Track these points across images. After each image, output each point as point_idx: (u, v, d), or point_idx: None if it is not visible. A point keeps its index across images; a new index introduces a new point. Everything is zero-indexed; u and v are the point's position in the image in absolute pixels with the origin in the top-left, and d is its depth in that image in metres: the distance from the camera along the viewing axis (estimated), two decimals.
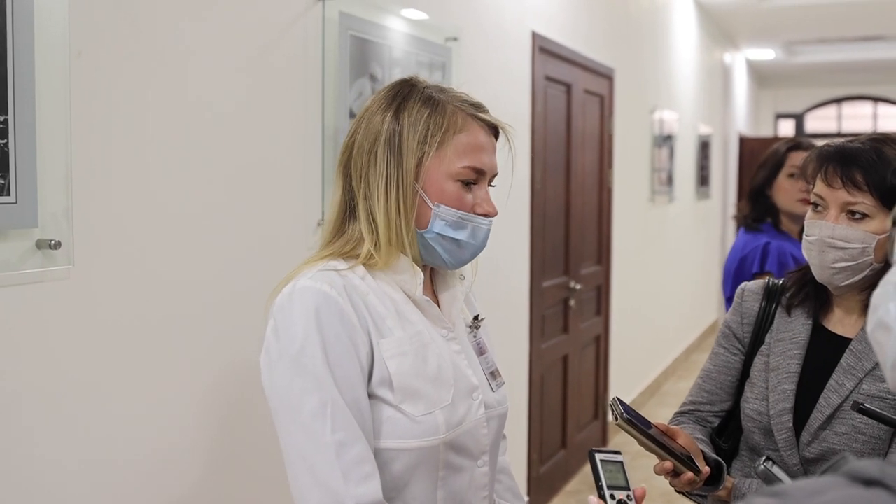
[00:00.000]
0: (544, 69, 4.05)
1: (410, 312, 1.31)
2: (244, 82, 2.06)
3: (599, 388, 5.14)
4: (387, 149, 1.29)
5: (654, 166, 6.16)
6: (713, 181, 8.70)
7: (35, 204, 1.53)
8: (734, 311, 1.70)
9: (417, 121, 1.29)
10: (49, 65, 1.56)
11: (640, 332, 6.00)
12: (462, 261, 1.35)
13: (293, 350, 1.20)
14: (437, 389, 1.27)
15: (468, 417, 1.31)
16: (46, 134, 1.56)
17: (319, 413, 1.17)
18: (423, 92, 1.32)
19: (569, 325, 4.56)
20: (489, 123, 1.34)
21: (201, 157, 1.93)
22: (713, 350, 1.72)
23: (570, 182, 4.50)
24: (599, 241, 5.08)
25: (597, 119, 4.93)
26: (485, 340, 1.47)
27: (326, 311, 1.20)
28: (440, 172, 1.29)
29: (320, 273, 1.25)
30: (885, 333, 0.76)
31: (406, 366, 1.25)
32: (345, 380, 1.20)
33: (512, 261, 3.81)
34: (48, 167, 1.56)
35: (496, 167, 1.36)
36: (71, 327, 1.65)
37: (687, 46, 7.32)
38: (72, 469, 1.65)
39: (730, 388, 1.68)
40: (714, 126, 8.71)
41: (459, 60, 3.10)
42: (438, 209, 1.29)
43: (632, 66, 5.55)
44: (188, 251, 1.89)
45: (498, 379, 1.43)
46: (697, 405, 1.70)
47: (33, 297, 1.57)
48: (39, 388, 1.59)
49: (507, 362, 3.77)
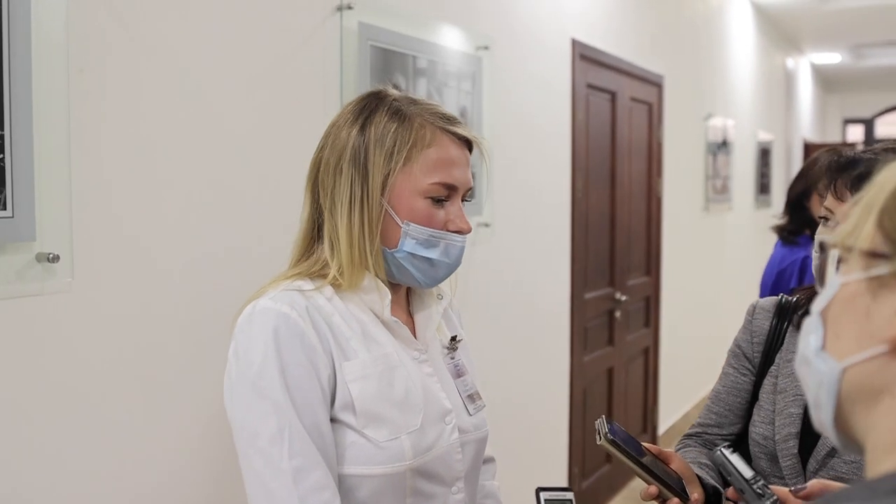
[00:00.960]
0: (586, 77, 3.98)
1: (379, 334, 1.26)
2: (258, 93, 2.05)
3: (648, 401, 5.03)
4: (352, 165, 1.24)
5: (709, 174, 6.02)
6: (774, 189, 8.47)
7: (32, 218, 1.54)
8: (744, 328, 1.62)
9: (384, 136, 1.24)
10: (47, 80, 1.57)
11: (692, 344, 5.86)
12: (436, 279, 1.30)
13: (251, 373, 1.16)
14: (403, 414, 1.22)
15: (439, 443, 1.26)
16: (45, 148, 1.56)
17: (277, 438, 1.13)
18: (390, 105, 1.27)
19: (614, 337, 4.47)
20: (461, 136, 1.29)
21: (209, 170, 1.93)
22: (723, 370, 1.64)
23: (616, 191, 4.41)
24: (648, 251, 4.98)
25: (645, 127, 4.84)
26: (463, 362, 1.41)
27: (286, 333, 1.17)
28: (408, 189, 1.24)
29: (283, 293, 1.21)
30: (805, 368, 0.69)
31: (369, 389, 1.21)
32: (304, 404, 1.16)
33: (551, 272, 3.75)
34: (47, 181, 1.57)
35: (470, 181, 1.29)
36: (72, 341, 1.65)
37: (745, 51, 7.14)
38: (71, 486, 1.65)
39: (739, 410, 1.60)
40: (775, 132, 8.49)
41: (491, 70, 3.06)
42: (408, 227, 1.24)
43: (684, 73, 5.43)
44: (193, 263, 1.89)
45: (477, 402, 1.37)
46: (706, 427, 1.62)
47: (33, 311, 1.58)
48: (39, 403, 1.60)
49: (546, 375, 3.72)
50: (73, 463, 1.65)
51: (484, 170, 2.62)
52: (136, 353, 1.77)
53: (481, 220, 3.05)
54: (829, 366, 0.66)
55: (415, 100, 1.30)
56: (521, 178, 3.40)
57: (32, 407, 1.59)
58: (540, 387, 3.67)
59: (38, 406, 1.59)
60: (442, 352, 1.37)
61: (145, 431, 1.79)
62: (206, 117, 1.92)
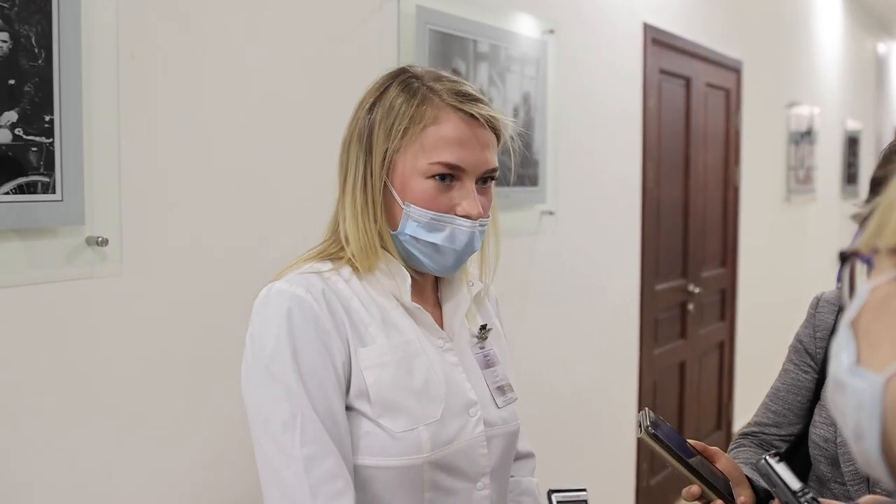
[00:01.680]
0: (658, 62, 3.87)
1: (400, 320, 1.21)
2: (312, 78, 2.04)
3: (723, 396, 4.89)
4: (358, 143, 1.21)
5: (791, 164, 5.81)
6: (862, 179, 8.14)
7: (81, 201, 1.55)
8: (807, 322, 1.53)
9: (389, 112, 1.19)
10: (98, 65, 1.58)
11: (771, 338, 5.64)
12: (446, 266, 1.23)
13: (264, 357, 1.13)
14: (422, 404, 1.17)
15: (461, 435, 1.20)
16: (94, 133, 1.58)
17: (289, 424, 1.10)
18: (404, 80, 1.22)
19: (687, 330, 4.35)
20: (477, 116, 1.19)
21: (262, 156, 1.92)
22: (783, 365, 1.55)
23: (690, 180, 4.28)
24: (724, 243, 4.83)
25: (721, 114, 4.69)
26: (495, 352, 1.34)
27: (300, 317, 1.13)
28: (410, 169, 1.18)
29: (300, 276, 1.17)
30: (839, 394, 0.59)
31: (386, 377, 1.16)
32: (318, 389, 1.11)
33: (620, 263, 3.66)
34: (96, 166, 1.58)
35: (486, 163, 1.20)
36: (121, 325, 1.66)
37: (832, 35, 6.87)
38: (120, 474, 1.67)
39: (799, 409, 1.51)
40: (865, 121, 8.16)
41: (558, 54, 2.99)
42: (409, 209, 1.19)
43: (764, 58, 5.24)
44: (245, 251, 1.88)
45: (507, 394, 1.30)
46: (762, 427, 1.54)
47: (84, 294, 1.60)
48: (90, 386, 1.61)
49: (614, 368, 3.63)
50: (120, 453, 1.66)
51: (541, 158, 2.55)
52: (186, 339, 1.77)
53: (545, 208, 2.98)
54: (868, 381, 0.57)
55: (439, 76, 1.23)
56: (589, 165, 3.33)
57: (85, 389, 1.60)
58: (607, 379, 3.59)
59: (89, 389, 1.61)
60: (471, 341, 1.31)
61: (193, 418, 1.80)
62: (259, 103, 1.91)
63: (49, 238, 1.53)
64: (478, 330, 1.33)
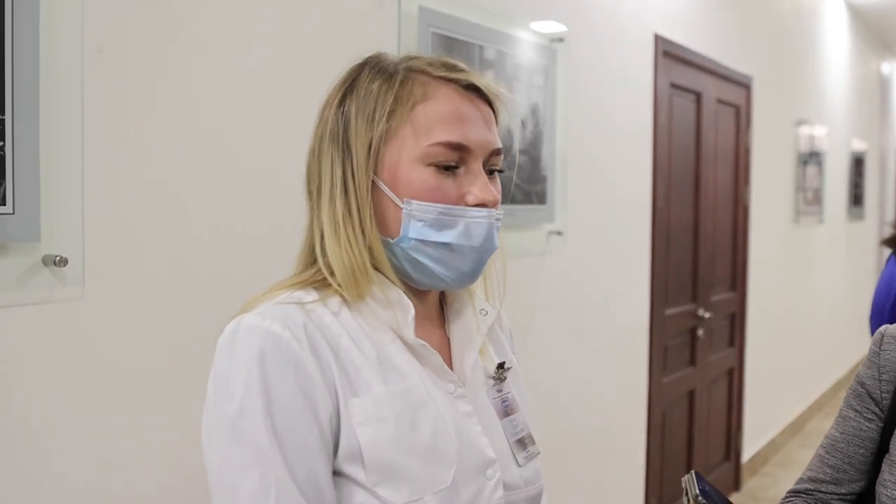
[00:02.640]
0: (669, 75, 3.70)
1: (400, 361, 0.99)
2: (304, 80, 1.84)
3: (732, 426, 4.68)
4: (332, 144, 1.00)
5: (799, 184, 5.63)
6: (868, 201, 7.98)
7: (37, 215, 1.35)
8: (870, 362, 1.33)
9: (367, 99, 0.99)
10: (59, 59, 1.38)
11: (780, 365, 5.47)
12: (464, 273, 1.01)
13: (230, 411, 0.90)
14: (429, 467, 0.95)
15: (478, 503, 0.98)
16: (54, 137, 1.38)
17: (260, 497, 0.88)
18: (375, 64, 1.02)
19: (696, 356, 4.15)
20: (468, 85, 1.01)
21: (245, 165, 1.72)
22: (841, 412, 1.35)
23: (700, 200, 4.10)
24: (734, 265, 4.64)
25: (731, 131, 4.51)
26: (514, 396, 1.11)
27: (275, 360, 0.90)
28: (404, 158, 0.98)
29: (276, 308, 0.95)
30: None
31: (384, 434, 0.93)
32: (297, 452, 0.89)
33: (629, 285, 3.46)
34: (55, 175, 1.38)
35: (492, 142, 1.01)
36: (85, 355, 1.46)
37: (838, 54, 6.72)
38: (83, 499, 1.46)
39: (861, 464, 1.31)
40: (870, 141, 8.01)
41: (567, 64, 2.81)
42: (409, 206, 0.98)
43: (773, 75, 5.07)
44: (223, 271, 1.68)
45: (529, 448, 1.08)
46: (818, 484, 1.33)
47: (40, 321, 1.39)
48: (48, 423, 1.41)
49: (622, 397, 3.43)
50: (85, 483, 1.46)
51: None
52: (156, 374, 1.57)
53: (553, 228, 2.79)
54: None
55: (412, 56, 1.04)
56: (599, 183, 3.14)
57: (40, 426, 1.39)
58: (615, 409, 3.38)
59: (46, 426, 1.40)
60: (486, 383, 1.09)
61: (168, 451, 1.59)
62: (247, 104, 1.72)
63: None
64: (494, 369, 1.11)
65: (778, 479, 4.92)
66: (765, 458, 5.18)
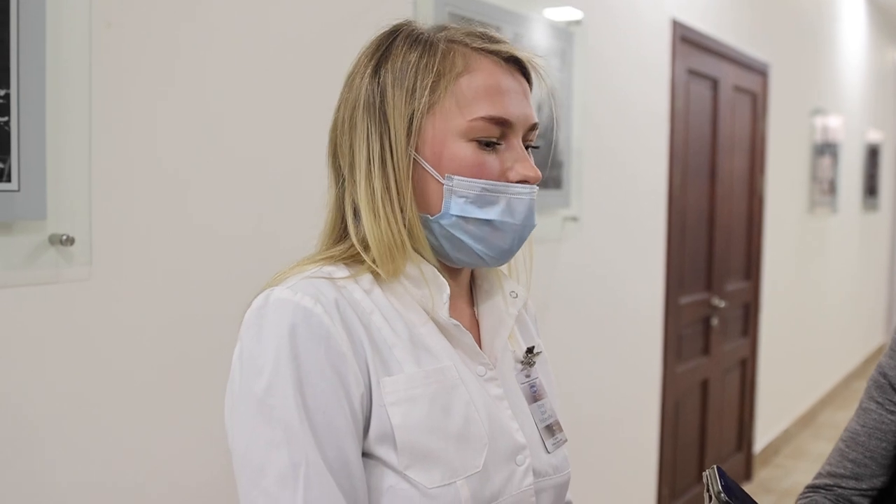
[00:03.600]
0: (686, 61, 3.64)
1: (433, 341, 0.95)
2: (317, 60, 1.80)
3: (745, 416, 4.64)
4: (367, 115, 0.96)
5: (814, 174, 5.57)
6: (883, 191, 7.90)
7: (43, 192, 1.32)
8: (893, 352, 1.28)
9: (404, 70, 0.94)
10: (66, 33, 1.34)
11: (793, 355, 5.42)
12: (503, 250, 0.98)
13: (258, 388, 0.86)
14: (461, 451, 0.91)
15: (508, 489, 0.94)
16: (61, 113, 1.34)
17: (289, 477, 0.84)
18: (409, 34, 0.98)
19: (710, 346, 4.11)
20: (508, 56, 0.97)
21: (256, 143, 1.68)
22: (862, 404, 1.30)
23: (716, 188, 4.05)
24: (749, 255, 4.58)
25: (748, 119, 4.45)
26: (542, 382, 1.08)
27: (306, 335, 0.87)
28: (445, 133, 0.94)
29: (306, 282, 0.91)
30: None
31: (417, 416, 0.90)
32: (327, 431, 0.86)
33: (644, 273, 3.42)
34: (62, 151, 1.35)
35: (531, 116, 0.98)
36: (91, 336, 1.42)
37: (855, 43, 6.63)
38: (88, 487, 1.43)
39: (884, 458, 1.26)
40: (886, 131, 7.92)
41: (584, 47, 2.76)
42: (451, 182, 0.94)
43: (790, 62, 5.00)
44: (237, 249, 1.64)
45: (557, 435, 1.04)
46: (838, 479, 1.28)
47: (46, 301, 1.36)
48: (54, 402, 1.37)
49: (636, 386, 3.39)
50: (89, 466, 1.42)
51: (573, 148, 2.29)
52: (165, 356, 1.53)
53: (568, 214, 2.75)
54: None
55: (445, 26, 1.00)
56: (615, 168, 3.09)
57: (44, 407, 1.36)
58: (629, 398, 3.34)
59: (50, 407, 1.37)
60: (515, 367, 1.05)
61: (171, 435, 1.55)
62: (256, 82, 1.67)
63: (3, 235, 1.29)
64: (523, 353, 1.07)
65: (789, 470, 4.88)
66: (776, 450, 5.13)
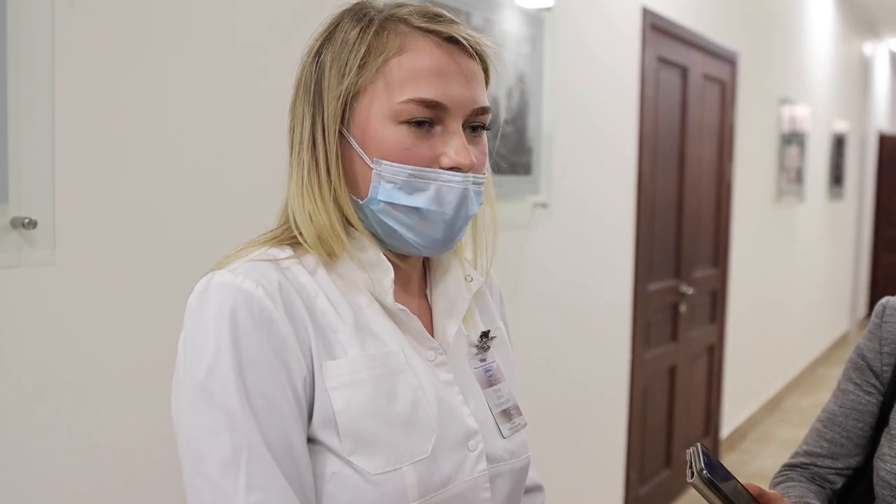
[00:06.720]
0: (656, 49, 3.65)
1: (379, 325, 0.94)
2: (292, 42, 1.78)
3: (711, 402, 4.69)
4: (304, 97, 0.95)
5: (782, 163, 5.62)
6: (848, 181, 8.00)
7: (5, 175, 1.29)
8: (871, 334, 1.29)
9: (342, 49, 0.92)
10: (27, 14, 1.32)
11: (760, 341, 5.48)
12: (434, 240, 0.94)
13: (199, 373, 0.84)
14: (407, 436, 0.90)
15: (459, 475, 0.93)
16: (22, 93, 1.32)
17: (231, 463, 0.82)
18: (356, 13, 0.96)
19: (678, 332, 4.14)
20: (449, 37, 0.92)
21: (226, 126, 1.67)
22: (840, 385, 1.32)
23: (685, 175, 4.07)
24: (716, 242, 4.62)
25: (717, 107, 4.48)
26: (499, 366, 1.06)
27: (247, 319, 0.85)
28: (374, 115, 0.91)
29: (248, 264, 0.89)
30: None
31: (360, 401, 0.88)
32: (269, 416, 0.84)
33: (613, 260, 3.44)
34: (23, 132, 1.32)
35: (475, 99, 0.94)
36: (56, 322, 1.40)
37: (822, 34, 6.69)
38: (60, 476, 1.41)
39: (860, 438, 1.28)
40: (852, 121, 8.01)
41: (554, 33, 2.76)
42: (379, 167, 0.91)
43: (758, 52, 5.04)
44: (202, 232, 1.62)
45: (514, 419, 1.03)
46: (814, 458, 1.30)
47: (8, 286, 1.34)
48: (17, 387, 1.35)
49: (605, 372, 3.41)
50: (59, 455, 1.41)
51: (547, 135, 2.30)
52: (131, 342, 1.52)
53: (538, 200, 2.75)
54: None
55: (402, 3, 0.97)
56: (584, 155, 3.10)
57: (8, 394, 1.34)
58: (597, 384, 3.37)
59: (14, 394, 1.35)
60: (469, 352, 1.04)
61: (135, 420, 1.54)
62: (227, 64, 1.65)
63: None
64: (478, 338, 1.05)
65: (756, 454, 4.95)
66: (743, 434, 5.20)
